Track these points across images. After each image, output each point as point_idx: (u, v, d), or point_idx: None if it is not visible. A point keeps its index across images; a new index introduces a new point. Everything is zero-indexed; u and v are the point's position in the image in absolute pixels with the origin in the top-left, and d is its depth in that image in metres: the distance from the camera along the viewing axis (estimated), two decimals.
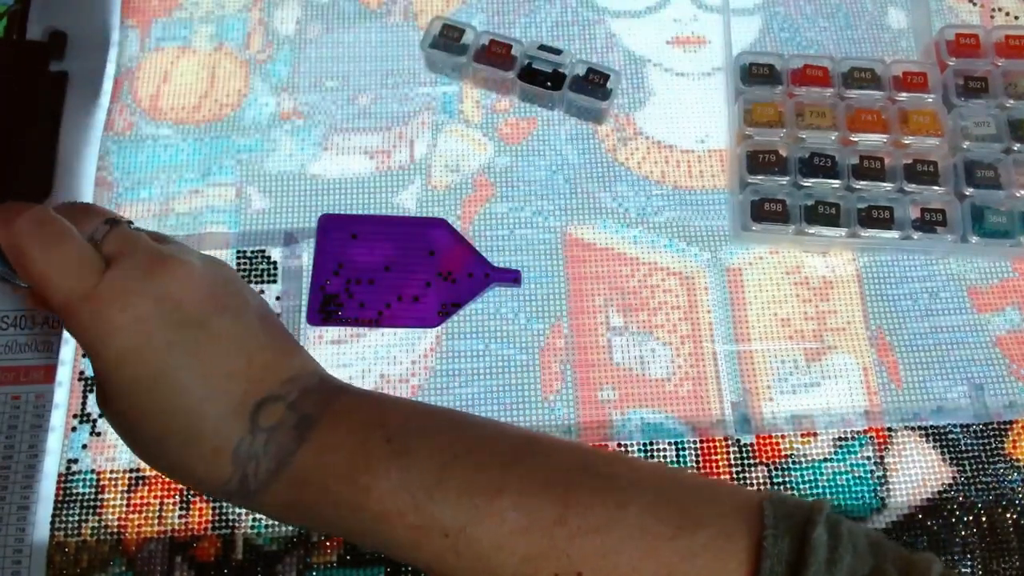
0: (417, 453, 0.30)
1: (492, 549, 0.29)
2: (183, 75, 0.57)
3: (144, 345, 0.28)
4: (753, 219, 0.51)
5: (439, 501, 0.29)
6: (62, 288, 0.28)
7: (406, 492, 0.29)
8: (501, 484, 0.30)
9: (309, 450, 0.30)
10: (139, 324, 0.28)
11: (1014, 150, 0.53)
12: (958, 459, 0.47)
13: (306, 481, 0.30)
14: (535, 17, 0.59)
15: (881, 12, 0.60)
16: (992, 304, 0.51)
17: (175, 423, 0.29)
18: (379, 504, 0.29)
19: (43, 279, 0.28)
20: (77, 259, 0.28)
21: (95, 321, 0.28)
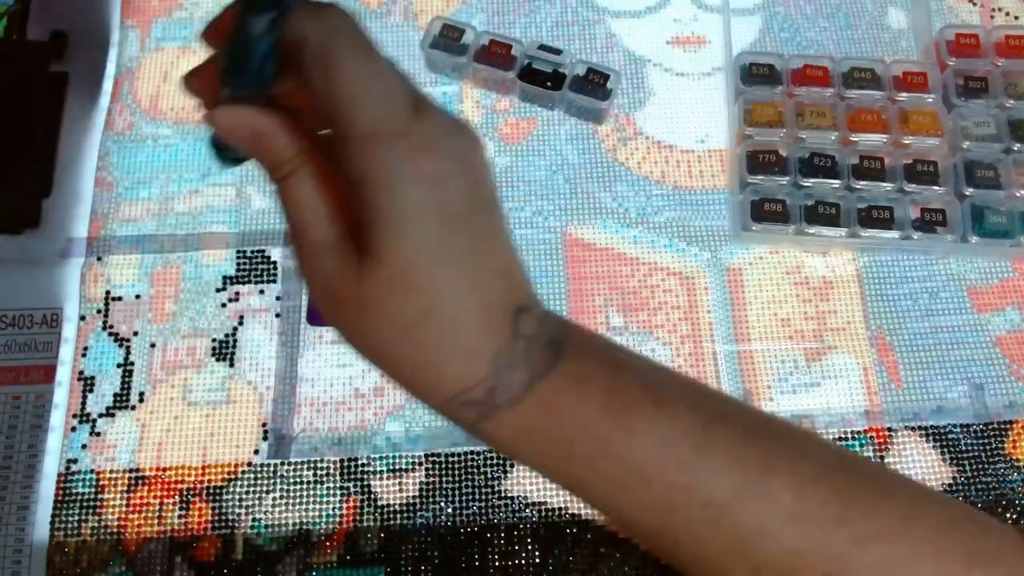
0: (676, 406, 0.26)
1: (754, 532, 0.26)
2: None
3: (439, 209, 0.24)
4: (753, 219, 0.51)
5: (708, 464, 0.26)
6: (376, 114, 0.24)
7: (671, 445, 0.26)
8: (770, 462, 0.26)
9: (566, 373, 0.26)
10: (443, 182, 0.24)
11: (1014, 150, 0.53)
12: (958, 459, 0.47)
13: (560, 407, 0.26)
14: (535, 17, 0.59)
15: (881, 12, 0.60)
16: (992, 304, 0.51)
17: (441, 310, 0.25)
18: (640, 451, 0.26)
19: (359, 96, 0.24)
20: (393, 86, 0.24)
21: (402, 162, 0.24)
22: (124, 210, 0.53)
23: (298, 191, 0.26)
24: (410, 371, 0.26)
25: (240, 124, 0.25)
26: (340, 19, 0.25)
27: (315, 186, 0.25)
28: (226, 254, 0.52)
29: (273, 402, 0.48)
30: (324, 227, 0.25)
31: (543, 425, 0.26)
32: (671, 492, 0.26)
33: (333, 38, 0.24)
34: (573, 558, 0.45)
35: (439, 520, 0.46)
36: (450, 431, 0.48)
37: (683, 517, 0.26)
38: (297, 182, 0.25)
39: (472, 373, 0.25)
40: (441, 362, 0.25)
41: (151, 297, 0.51)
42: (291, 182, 0.26)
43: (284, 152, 0.25)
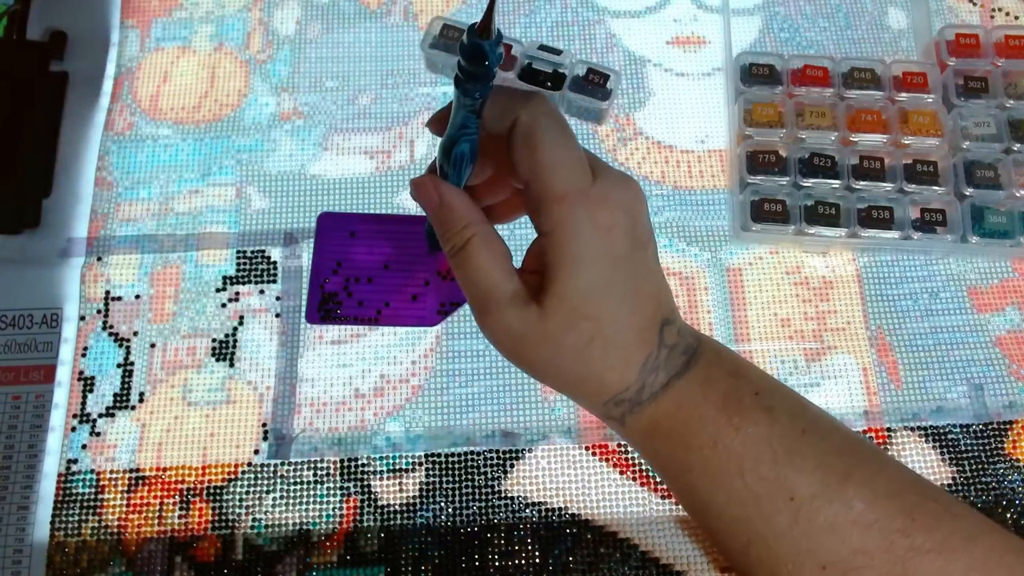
0: (780, 414, 0.32)
1: (827, 529, 0.30)
2: (183, 75, 0.57)
3: (607, 251, 0.30)
4: (753, 219, 0.51)
5: (796, 465, 0.31)
6: (569, 179, 0.30)
7: (768, 445, 0.31)
8: (849, 472, 0.31)
9: (695, 376, 0.32)
10: (612, 230, 0.30)
11: (1014, 150, 0.53)
12: (958, 459, 0.47)
13: (685, 403, 0.32)
14: (535, 17, 0.59)
15: (881, 12, 0.60)
16: (992, 304, 0.51)
17: (604, 331, 0.31)
18: (742, 446, 0.31)
19: (558, 165, 0.30)
20: (581, 156, 0.31)
21: (586, 216, 0.30)
22: (124, 210, 0.53)
23: (480, 255, 0.32)
24: (579, 383, 0.33)
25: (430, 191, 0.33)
26: (543, 105, 0.31)
27: (491, 250, 0.32)
28: (226, 254, 0.52)
29: (273, 402, 0.48)
30: (503, 284, 0.32)
31: (671, 415, 0.32)
32: (760, 483, 0.31)
33: (537, 120, 0.30)
34: (573, 558, 0.45)
35: (439, 520, 0.46)
36: (450, 431, 0.48)
37: (767, 509, 0.31)
38: (478, 247, 0.32)
39: (627, 378, 0.32)
40: (604, 373, 0.32)
41: (151, 297, 0.51)
42: (472, 248, 0.32)
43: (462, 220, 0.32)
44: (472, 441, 0.48)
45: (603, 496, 0.46)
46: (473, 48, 0.28)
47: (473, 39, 0.28)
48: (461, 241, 0.32)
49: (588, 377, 0.32)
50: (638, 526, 0.46)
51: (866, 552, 0.30)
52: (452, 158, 0.32)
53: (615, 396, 0.32)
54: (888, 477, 0.32)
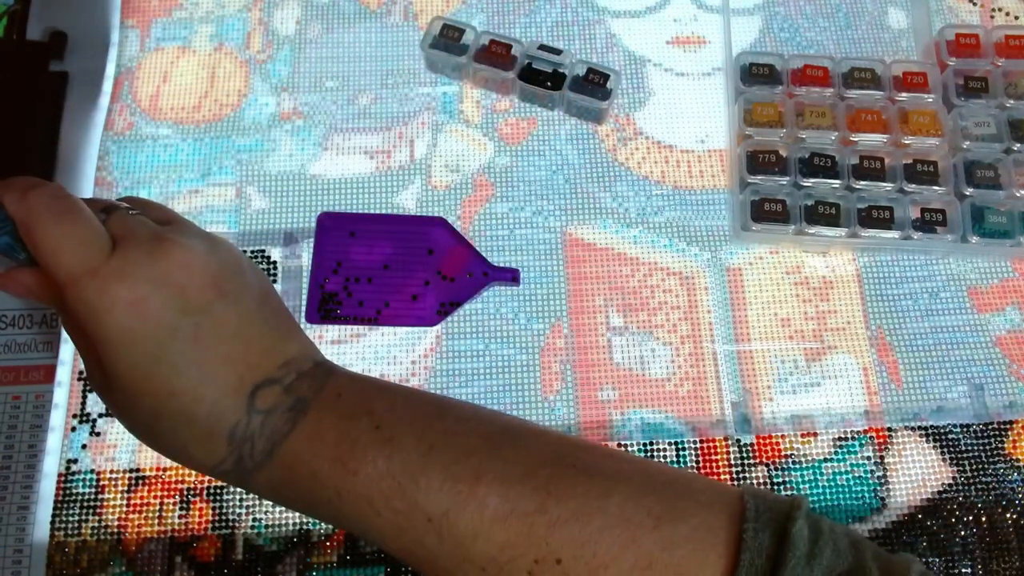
0: (403, 440, 0.31)
1: (471, 535, 0.29)
2: (183, 75, 0.57)
3: (142, 326, 0.28)
4: (753, 219, 0.51)
5: (423, 487, 0.30)
6: (70, 262, 0.28)
7: (391, 478, 0.30)
8: (481, 471, 0.30)
9: (302, 433, 0.31)
10: (140, 305, 0.28)
11: (1014, 150, 0.53)
12: (958, 459, 0.47)
13: (297, 463, 0.31)
14: (535, 17, 0.59)
15: (881, 12, 0.60)
16: (992, 304, 0.51)
17: (170, 405, 0.29)
18: (365, 488, 0.30)
19: (53, 251, 0.28)
20: (87, 235, 0.29)
21: (98, 297, 0.28)
22: None
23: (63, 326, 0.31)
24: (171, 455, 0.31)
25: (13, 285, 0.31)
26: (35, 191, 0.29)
27: None
28: None
29: None
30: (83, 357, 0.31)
31: (288, 480, 0.31)
32: (398, 516, 0.30)
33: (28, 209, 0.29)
34: None
35: None
36: None
37: (414, 534, 0.30)
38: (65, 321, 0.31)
39: (214, 452, 0.30)
40: (185, 447, 0.30)
41: None
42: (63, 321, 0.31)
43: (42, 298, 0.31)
44: None
45: None
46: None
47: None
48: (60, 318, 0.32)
49: (171, 451, 0.31)
50: None
51: (510, 544, 0.29)
52: None
53: (214, 469, 0.31)
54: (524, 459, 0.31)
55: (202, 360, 0.30)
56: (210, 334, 0.30)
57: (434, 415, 0.32)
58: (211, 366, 0.30)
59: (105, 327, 0.28)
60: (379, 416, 0.31)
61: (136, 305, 0.28)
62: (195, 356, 0.29)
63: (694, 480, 0.32)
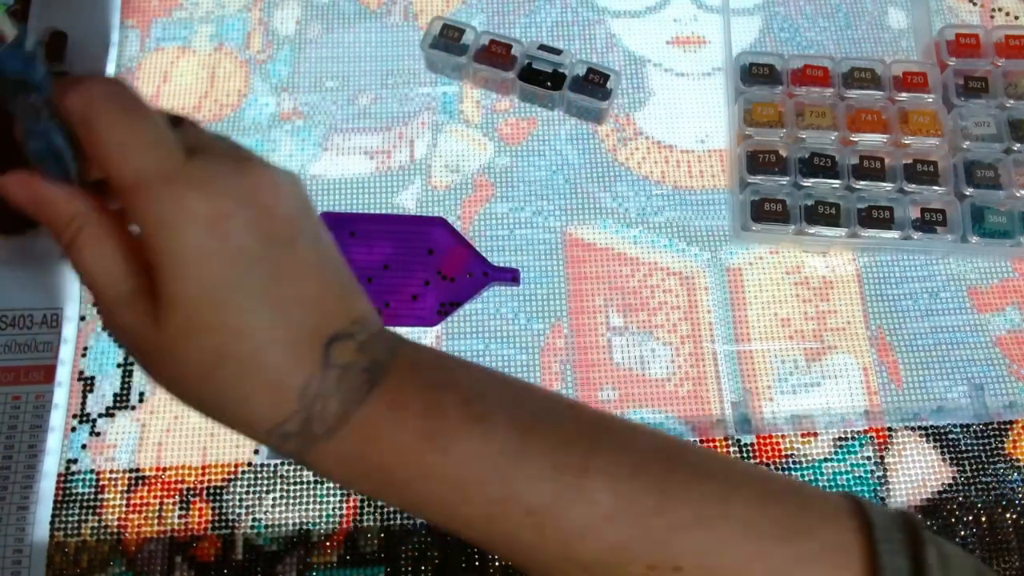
0: (496, 420, 0.27)
1: (577, 533, 0.26)
2: (183, 75, 0.57)
3: (220, 248, 0.24)
4: (753, 219, 0.51)
5: (524, 473, 0.26)
6: (141, 162, 0.24)
7: (487, 460, 0.26)
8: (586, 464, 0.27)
9: (381, 400, 0.26)
10: (221, 222, 0.24)
11: (1014, 150, 0.53)
12: (958, 459, 0.47)
13: (376, 434, 0.26)
14: (535, 17, 0.59)
15: (881, 12, 0.60)
16: (992, 304, 0.51)
17: (238, 347, 0.25)
18: (456, 469, 0.26)
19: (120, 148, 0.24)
20: (160, 135, 0.25)
21: (173, 207, 0.24)
22: None
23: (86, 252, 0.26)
24: (221, 410, 0.26)
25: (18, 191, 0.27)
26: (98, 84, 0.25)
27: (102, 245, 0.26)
28: None
29: None
30: (118, 283, 0.26)
31: (362, 452, 0.26)
32: (491, 505, 0.26)
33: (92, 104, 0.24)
34: None
35: None
36: None
37: (508, 527, 0.26)
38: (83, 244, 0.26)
39: (282, 407, 0.25)
40: (246, 400, 0.25)
41: None
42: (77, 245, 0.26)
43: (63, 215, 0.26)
44: None
45: None
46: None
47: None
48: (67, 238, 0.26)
49: (227, 403, 0.26)
50: None
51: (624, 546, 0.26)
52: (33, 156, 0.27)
53: (276, 429, 0.26)
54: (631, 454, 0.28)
55: (279, 299, 0.25)
56: (289, 271, 0.26)
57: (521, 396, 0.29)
58: (288, 307, 0.25)
59: (177, 242, 0.24)
60: (465, 391, 0.28)
61: (217, 221, 0.24)
62: (273, 293, 0.25)
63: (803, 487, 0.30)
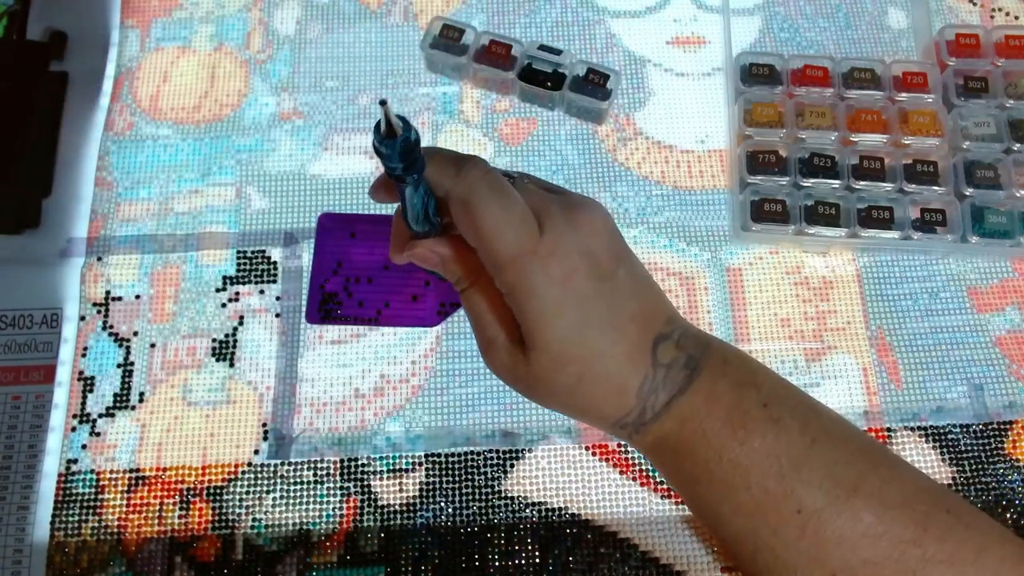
0: (789, 425, 0.31)
1: (835, 541, 0.30)
2: (183, 75, 0.57)
3: (572, 297, 0.30)
4: (753, 219, 0.51)
5: (804, 478, 0.30)
6: (512, 241, 0.30)
7: (775, 458, 0.31)
8: (858, 483, 0.30)
9: (697, 392, 0.32)
10: (571, 277, 0.30)
11: (1014, 150, 0.53)
12: (958, 459, 0.47)
13: (690, 419, 0.32)
14: (535, 17, 0.59)
15: (881, 12, 0.60)
16: (992, 304, 0.51)
17: (595, 367, 0.31)
18: (747, 459, 0.31)
19: (495, 231, 0.30)
20: (523, 214, 0.30)
21: (537, 277, 0.30)
22: (124, 210, 0.53)
23: (472, 302, 0.33)
24: (581, 414, 0.33)
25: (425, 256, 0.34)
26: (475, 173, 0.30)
27: (483, 298, 0.33)
28: (226, 254, 0.52)
29: (273, 402, 0.48)
30: (494, 329, 0.33)
31: (675, 433, 0.32)
32: (767, 497, 0.30)
33: (471, 189, 0.30)
34: (573, 558, 0.45)
35: (439, 520, 0.46)
36: (450, 431, 0.48)
37: (773, 521, 0.30)
38: (471, 295, 0.33)
39: (624, 405, 0.32)
40: (599, 405, 0.32)
41: (151, 297, 0.51)
42: (467, 295, 0.34)
43: (455, 273, 0.34)
44: (472, 441, 0.48)
45: (603, 496, 0.46)
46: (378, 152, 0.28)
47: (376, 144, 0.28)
48: (459, 290, 0.34)
49: (587, 409, 0.33)
50: (638, 526, 0.46)
51: (875, 563, 0.29)
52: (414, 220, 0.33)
53: (617, 421, 0.33)
54: (900, 486, 0.31)
55: (616, 321, 0.31)
56: (618, 296, 0.32)
57: (811, 409, 0.33)
58: (623, 325, 0.31)
59: (543, 301, 0.30)
60: (765, 393, 0.32)
61: (568, 279, 0.30)
62: (611, 318, 0.31)
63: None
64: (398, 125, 0.27)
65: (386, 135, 0.27)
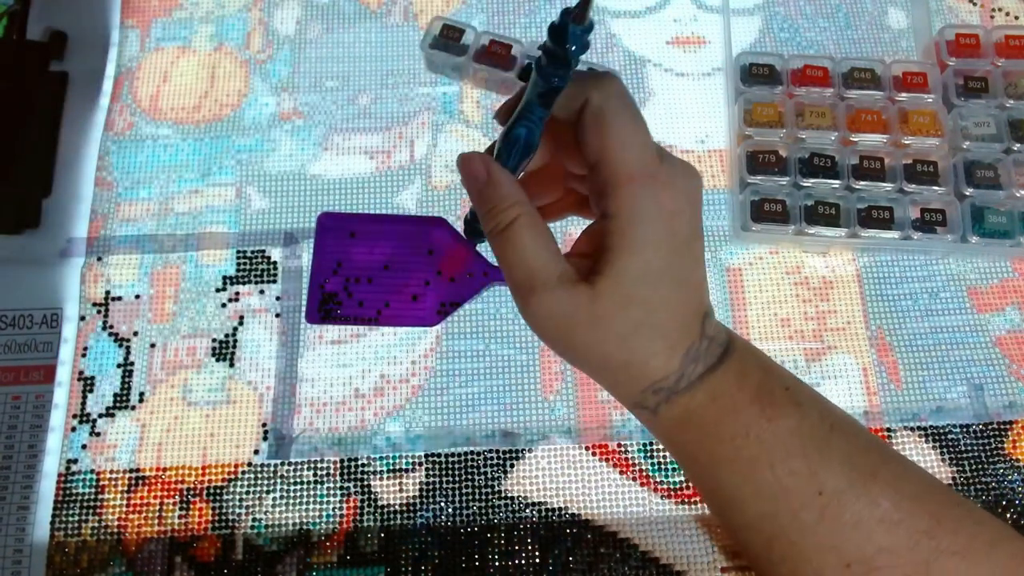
0: (809, 409, 0.32)
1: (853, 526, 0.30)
2: (183, 75, 0.57)
3: (669, 237, 0.30)
4: (753, 219, 0.51)
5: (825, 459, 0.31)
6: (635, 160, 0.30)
7: (798, 438, 0.31)
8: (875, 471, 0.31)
9: (730, 369, 0.32)
10: (675, 217, 0.30)
11: (1014, 150, 0.53)
12: (958, 459, 0.47)
13: (721, 394, 0.32)
14: (535, 17, 0.59)
15: (881, 12, 0.60)
16: (992, 304, 0.51)
17: (654, 318, 0.31)
18: (772, 437, 0.31)
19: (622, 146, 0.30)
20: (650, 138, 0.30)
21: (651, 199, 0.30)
22: (124, 210, 0.53)
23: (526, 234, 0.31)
24: (622, 368, 0.32)
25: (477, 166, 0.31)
26: (615, 87, 0.30)
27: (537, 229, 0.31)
28: (226, 254, 0.52)
29: (273, 402, 0.48)
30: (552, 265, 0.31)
31: (705, 406, 0.32)
32: (790, 476, 0.31)
33: (608, 101, 0.30)
34: (573, 558, 0.45)
35: (439, 520, 0.46)
36: (450, 431, 0.48)
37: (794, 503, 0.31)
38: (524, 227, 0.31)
39: (668, 366, 0.31)
40: (648, 359, 0.31)
41: (151, 297, 0.51)
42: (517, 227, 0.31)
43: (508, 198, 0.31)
44: (472, 441, 0.48)
45: (603, 496, 0.46)
46: (561, 30, 0.28)
47: (564, 20, 0.27)
48: (506, 220, 0.31)
49: (631, 362, 0.31)
50: (638, 526, 0.46)
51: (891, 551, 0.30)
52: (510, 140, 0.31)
53: (654, 384, 0.32)
54: (913, 480, 0.32)
55: (689, 281, 0.31)
56: (696, 258, 0.32)
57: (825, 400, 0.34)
58: (691, 288, 0.32)
59: (647, 227, 0.30)
60: (786, 379, 0.33)
61: (674, 216, 0.30)
62: (687, 276, 0.31)
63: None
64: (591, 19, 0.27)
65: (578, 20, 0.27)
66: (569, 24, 0.27)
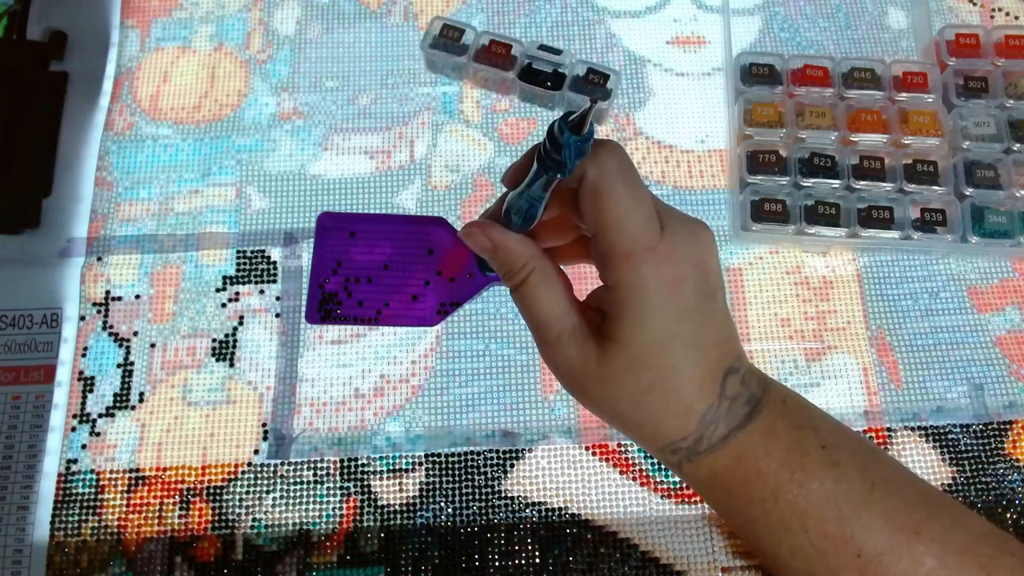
0: (848, 468, 0.31)
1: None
2: (183, 75, 0.57)
3: (674, 305, 0.30)
4: (753, 219, 0.51)
5: (864, 522, 0.30)
6: (637, 236, 0.30)
7: (834, 502, 0.31)
8: (921, 527, 0.30)
9: (757, 429, 0.32)
10: (679, 285, 0.30)
11: (1014, 150, 0.53)
12: (958, 459, 0.47)
13: (747, 456, 0.31)
14: (535, 17, 0.59)
15: (881, 12, 0.60)
16: (992, 304, 0.51)
17: (668, 380, 0.31)
18: (805, 502, 0.31)
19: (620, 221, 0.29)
20: (651, 211, 0.30)
21: (652, 273, 0.30)
22: (124, 210, 0.53)
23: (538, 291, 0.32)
24: (636, 427, 0.32)
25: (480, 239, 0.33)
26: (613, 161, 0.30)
27: (550, 285, 0.32)
28: (226, 254, 0.52)
29: (273, 402, 0.48)
30: (564, 320, 0.32)
31: (730, 469, 0.32)
32: (825, 540, 0.30)
33: (604, 178, 0.29)
34: (573, 558, 0.45)
35: (439, 520, 0.46)
36: (450, 431, 0.48)
37: (832, 564, 0.30)
38: (535, 284, 0.32)
39: (684, 428, 0.31)
40: (660, 421, 0.31)
41: (151, 297, 0.51)
42: (529, 284, 0.32)
43: (519, 259, 0.32)
44: (472, 441, 0.48)
45: (603, 496, 0.46)
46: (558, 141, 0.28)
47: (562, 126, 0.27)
48: (519, 279, 0.32)
49: (644, 422, 0.32)
50: (638, 526, 0.46)
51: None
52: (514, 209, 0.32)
53: (671, 444, 0.32)
54: (962, 531, 0.31)
55: (702, 342, 0.31)
56: (711, 319, 0.31)
57: (870, 453, 0.33)
58: (706, 349, 0.31)
59: (646, 300, 0.30)
60: (824, 436, 0.32)
61: (677, 285, 0.30)
62: (699, 338, 0.31)
63: None
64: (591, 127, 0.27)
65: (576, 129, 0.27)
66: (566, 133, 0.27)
